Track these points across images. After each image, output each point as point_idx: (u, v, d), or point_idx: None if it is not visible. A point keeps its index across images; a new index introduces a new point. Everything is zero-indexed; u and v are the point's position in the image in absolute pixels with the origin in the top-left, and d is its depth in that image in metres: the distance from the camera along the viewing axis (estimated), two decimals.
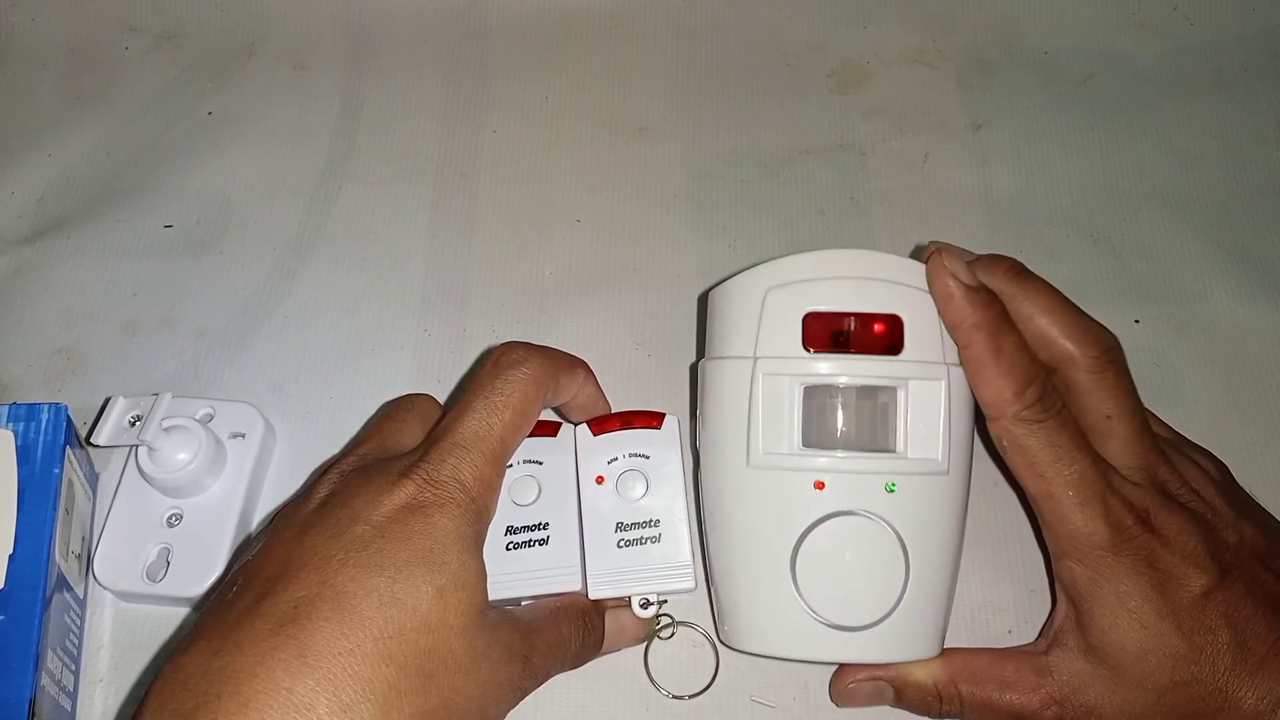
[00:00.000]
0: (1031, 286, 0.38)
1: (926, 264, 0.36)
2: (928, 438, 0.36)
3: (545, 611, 0.37)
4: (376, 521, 0.32)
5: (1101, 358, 0.37)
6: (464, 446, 0.34)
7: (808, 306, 0.36)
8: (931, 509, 0.36)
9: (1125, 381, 0.37)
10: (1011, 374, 0.35)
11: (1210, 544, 0.36)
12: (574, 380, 0.39)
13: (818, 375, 0.36)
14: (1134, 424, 0.37)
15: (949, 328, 0.36)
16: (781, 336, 0.37)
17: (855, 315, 0.36)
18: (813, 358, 0.36)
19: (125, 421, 0.41)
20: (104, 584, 0.41)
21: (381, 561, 0.31)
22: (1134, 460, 0.37)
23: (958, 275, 0.36)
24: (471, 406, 0.35)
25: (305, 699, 0.28)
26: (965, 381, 0.37)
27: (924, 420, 0.36)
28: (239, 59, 0.57)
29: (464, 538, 0.33)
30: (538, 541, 0.38)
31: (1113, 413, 0.37)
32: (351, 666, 0.29)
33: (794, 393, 0.36)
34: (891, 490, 0.36)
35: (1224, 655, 0.35)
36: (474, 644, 0.32)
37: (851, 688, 0.39)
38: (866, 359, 0.36)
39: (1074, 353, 0.37)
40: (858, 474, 0.36)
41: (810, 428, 0.36)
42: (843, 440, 0.36)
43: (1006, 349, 0.35)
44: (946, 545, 0.37)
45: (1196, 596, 0.35)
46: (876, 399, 0.37)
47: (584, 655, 0.38)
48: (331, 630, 0.29)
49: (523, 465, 0.39)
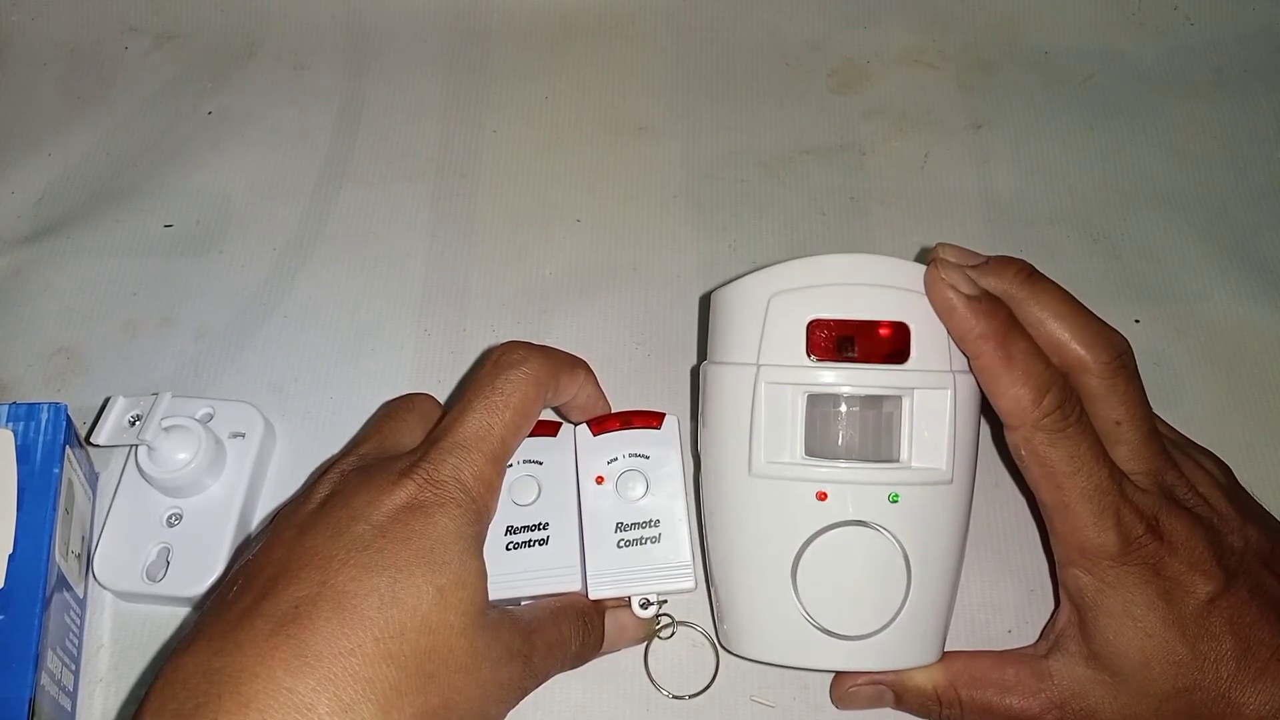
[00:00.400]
0: (1042, 290, 0.37)
1: (925, 275, 0.36)
2: (932, 447, 0.36)
3: (545, 611, 0.36)
4: (377, 521, 0.32)
5: (1113, 363, 0.36)
6: (464, 446, 0.34)
7: (812, 313, 0.36)
8: (935, 519, 0.36)
9: (1136, 386, 0.37)
10: (1027, 381, 0.35)
11: (1216, 549, 0.36)
12: (574, 380, 0.39)
13: (821, 384, 0.36)
14: (1143, 430, 0.37)
15: (955, 340, 0.36)
16: (785, 344, 0.36)
17: (860, 323, 0.36)
18: (816, 366, 0.36)
19: (125, 421, 0.41)
20: (104, 584, 0.41)
21: (382, 561, 0.31)
22: (1143, 466, 0.37)
23: (958, 286, 0.35)
24: (472, 406, 0.35)
25: (306, 699, 0.28)
26: (971, 389, 0.36)
27: (929, 429, 0.36)
28: (239, 59, 0.57)
29: (465, 537, 0.33)
30: (537, 541, 0.38)
31: (1123, 418, 0.36)
32: (352, 666, 0.29)
33: (797, 401, 0.36)
34: (894, 501, 0.35)
35: (1228, 662, 0.35)
36: (475, 644, 0.32)
37: (852, 691, 0.39)
38: (871, 368, 0.35)
39: (1085, 358, 0.36)
40: (860, 484, 0.35)
41: (813, 437, 0.36)
42: (846, 450, 0.36)
43: (1018, 356, 0.35)
44: (949, 555, 0.37)
45: (1202, 603, 0.35)
46: (881, 408, 0.36)
47: (584, 655, 0.38)
48: (332, 630, 0.29)
49: (522, 465, 0.39)
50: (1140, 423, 0.37)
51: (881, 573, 0.36)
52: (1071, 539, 0.36)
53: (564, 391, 0.38)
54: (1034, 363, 0.35)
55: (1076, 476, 0.35)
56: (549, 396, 0.37)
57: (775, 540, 0.36)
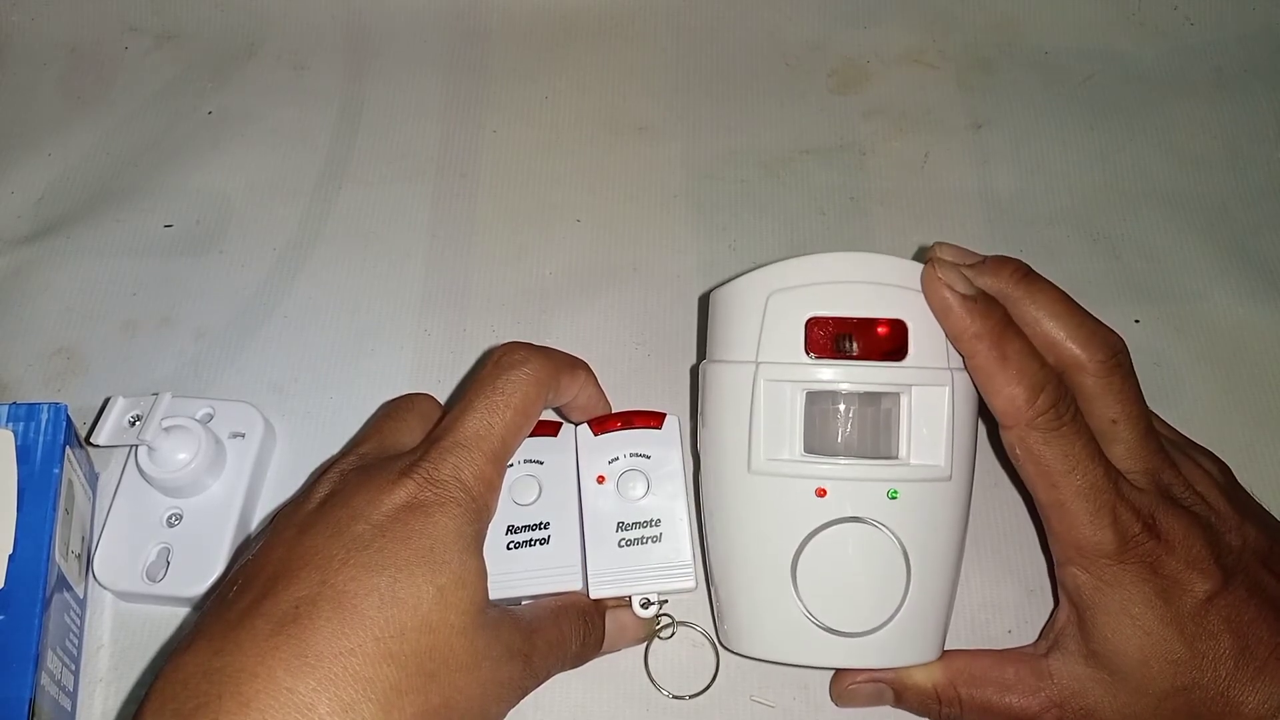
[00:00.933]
0: (1038, 289, 0.37)
1: (922, 274, 0.36)
2: (931, 444, 0.36)
3: (546, 611, 0.36)
4: (377, 520, 0.32)
5: (1108, 362, 0.36)
6: (465, 446, 0.34)
7: (810, 311, 0.36)
8: (934, 515, 0.36)
9: (1131, 385, 0.37)
10: (1021, 380, 0.35)
11: (1214, 548, 0.36)
12: (575, 381, 0.39)
13: (820, 381, 0.36)
14: (1140, 428, 0.37)
15: (951, 339, 0.36)
16: (784, 341, 0.36)
17: (858, 320, 0.36)
18: (815, 363, 0.36)
19: (125, 421, 0.41)
20: (104, 584, 0.41)
21: (382, 561, 0.31)
22: (1139, 464, 0.37)
23: (954, 285, 0.35)
24: (473, 406, 0.35)
25: (306, 699, 0.28)
26: (969, 386, 0.36)
27: (927, 426, 0.36)
28: (239, 59, 0.57)
29: (464, 537, 0.33)
30: (539, 541, 0.38)
31: (1118, 417, 0.37)
32: (352, 666, 0.29)
33: (796, 399, 0.36)
34: (894, 497, 0.35)
35: (1226, 660, 0.35)
36: (475, 643, 0.32)
37: (851, 689, 0.39)
38: (870, 365, 0.36)
39: (1081, 357, 0.36)
40: (860, 481, 0.36)
41: (812, 434, 0.36)
42: (845, 447, 0.36)
43: (1013, 355, 0.35)
44: (948, 551, 0.37)
45: (1200, 602, 0.35)
46: (880, 405, 0.36)
47: (585, 655, 0.38)
48: (332, 630, 0.29)
49: (523, 465, 0.39)
50: (1136, 421, 0.37)
51: (881, 569, 0.36)
52: (1068, 537, 0.36)
53: (565, 392, 0.38)
54: (1028, 362, 0.35)
55: (1071, 475, 0.35)
56: (550, 397, 0.37)
57: (775, 537, 0.36)
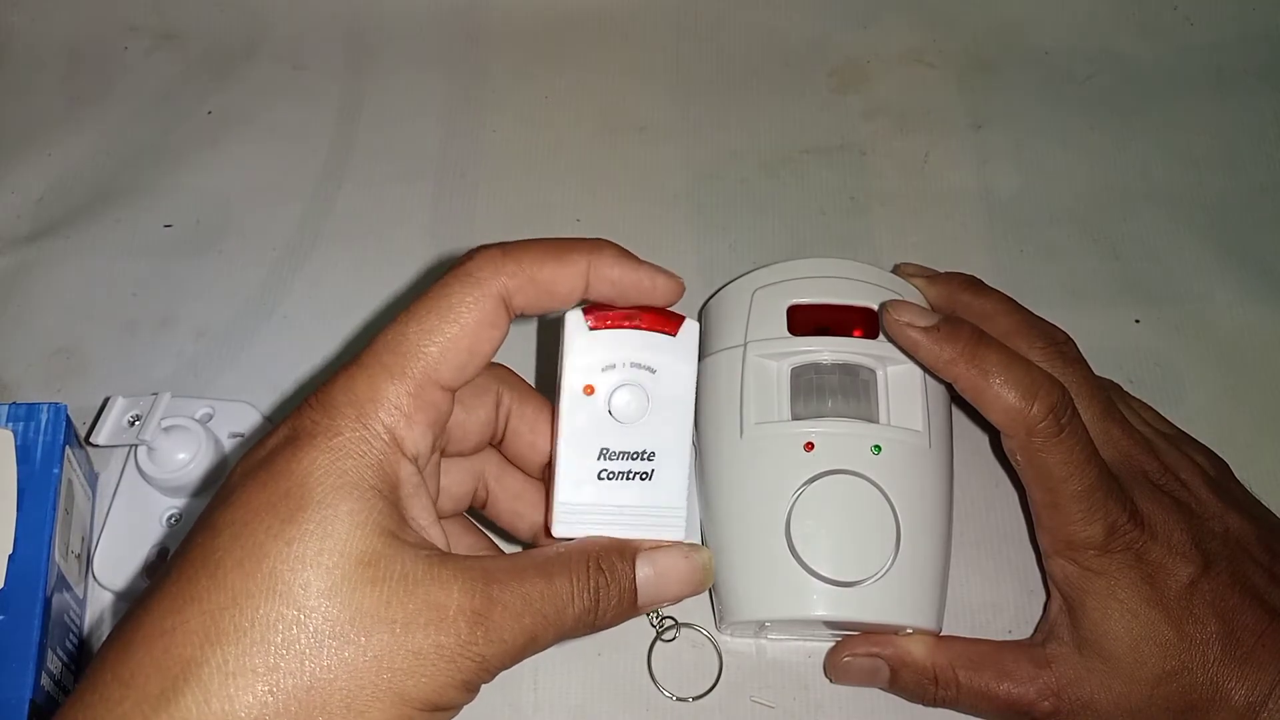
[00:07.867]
0: (984, 295, 0.41)
1: (881, 320, 0.38)
2: (909, 413, 0.39)
3: (532, 558, 0.29)
4: (246, 467, 0.27)
5: (1049, 349, 0.39)
6: (367, 366, 0.28)
7: (791, 299, 0.40)
8: (917, 474, 0.38)
9: (1079, 370, 0.39)
10: (1011, 387, 0.35)
11: (1194, 534, 0.36)
12: (567, 269, 0.30)
13: (803, 352, 0.39)
14: (1096, 408, 0.38)
15: (933, 373, 0.38)
16: (769, 325, 0.40)
17: (835, 306, 0.40)
18: (797, 339, 0.39)
19: (125, 421, 0.41)
20: (104, 584, 0.41)
21: (227, 518, 0.26)
22: (1111, 450, 0.38)
23: (914, 322, 0.36)
24: (396, 319, 0.29)
25: (119, 691, 0.25)
26: None
27: (904, 397, 0.39)
28: (239, 59, 0.57)
29: (342, 473, 0.27)
30: (639, 475, 0.31)
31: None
32: (172, 647, 0.25)
33: (782, 371, 0.39)
34: (877, 452, 0.38)
35: (1213, 645, 0.35)
36: (354, 605, 0.26)
37: (848, 661, 0.39)
38: (847, 339, 0.39)
39: (1021, 349, 0.38)
40: (844, 435, 0.38)
41: (798, 402, 0.39)
42: (830, 409, 0.39)
43: (994, 367, 0.35)
44: (934, 512, 0.38)
45: (1184, 585, 0.36)
46: (858, 375, 0.39)
47: (602, 614, 0.29)
48: (163, 608, 0.26)
49: (629, 369, 0.31)
50: (1090, 401, 0.39)
51: (873, 520, 0.37)
52: (1059, 533, 0.36)
53: (555, 288, 0.30)
54: (1012, 369, 0.35)
55: (1069, 481, 0.35)
56: (524, 300, 0.30)
57: (768, 492, 0.38)
